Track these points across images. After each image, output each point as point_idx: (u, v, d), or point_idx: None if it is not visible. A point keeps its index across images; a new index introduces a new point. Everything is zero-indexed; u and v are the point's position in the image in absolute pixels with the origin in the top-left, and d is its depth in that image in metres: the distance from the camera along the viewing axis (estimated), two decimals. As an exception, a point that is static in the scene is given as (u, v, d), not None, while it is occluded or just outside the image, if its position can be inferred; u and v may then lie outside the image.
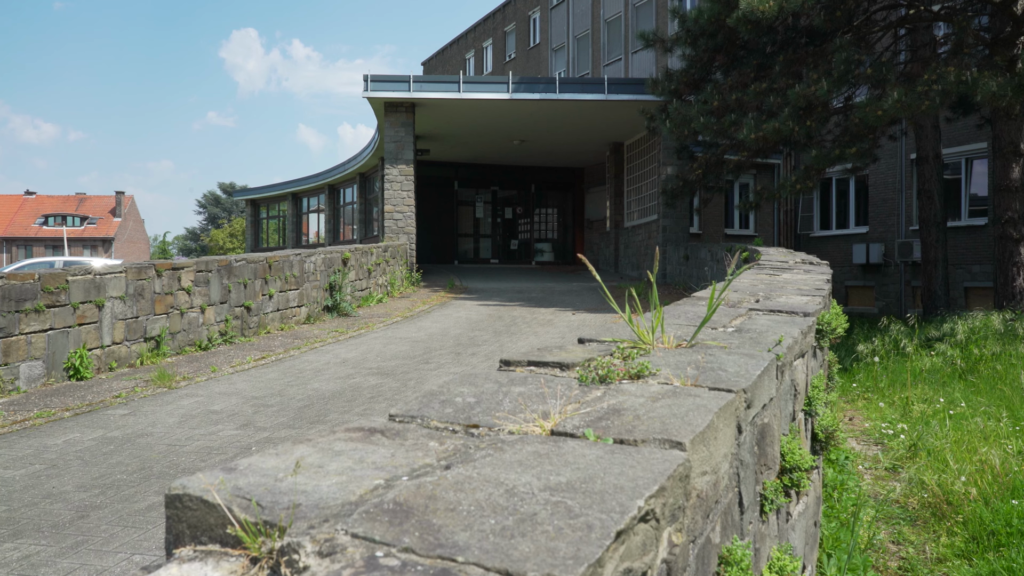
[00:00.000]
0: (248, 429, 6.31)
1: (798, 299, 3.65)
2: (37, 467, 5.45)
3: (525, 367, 1.98)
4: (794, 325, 2.75)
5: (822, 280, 4.77)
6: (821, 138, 13.62)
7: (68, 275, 8.11)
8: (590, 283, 19.82)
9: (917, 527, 5.25)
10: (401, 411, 1.58)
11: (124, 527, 4.37)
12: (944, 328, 10.22)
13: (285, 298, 12.14)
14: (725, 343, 2.31)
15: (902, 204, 19.36)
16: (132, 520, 4.45)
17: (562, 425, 1.52)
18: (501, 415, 1.58)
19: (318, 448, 1.43)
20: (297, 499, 1.18)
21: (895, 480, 6.16)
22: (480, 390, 1.75)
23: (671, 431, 1.50)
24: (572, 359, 2.04)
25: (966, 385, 8.51)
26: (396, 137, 18.15)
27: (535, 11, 34.32)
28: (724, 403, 1.58)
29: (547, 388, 1.70)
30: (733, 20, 11.88)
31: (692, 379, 1.85)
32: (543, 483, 1.22)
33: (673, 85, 14.81)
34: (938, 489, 5.45)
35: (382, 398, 7.32)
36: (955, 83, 9.97)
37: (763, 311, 3.09)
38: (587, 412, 1.61)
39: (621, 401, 1.69)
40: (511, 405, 1.62)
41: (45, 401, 7.31)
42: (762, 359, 1.99)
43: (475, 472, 1.26)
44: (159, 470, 5.31)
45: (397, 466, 1.34)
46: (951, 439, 6.33)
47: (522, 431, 1.45)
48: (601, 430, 1.51)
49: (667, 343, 2.24)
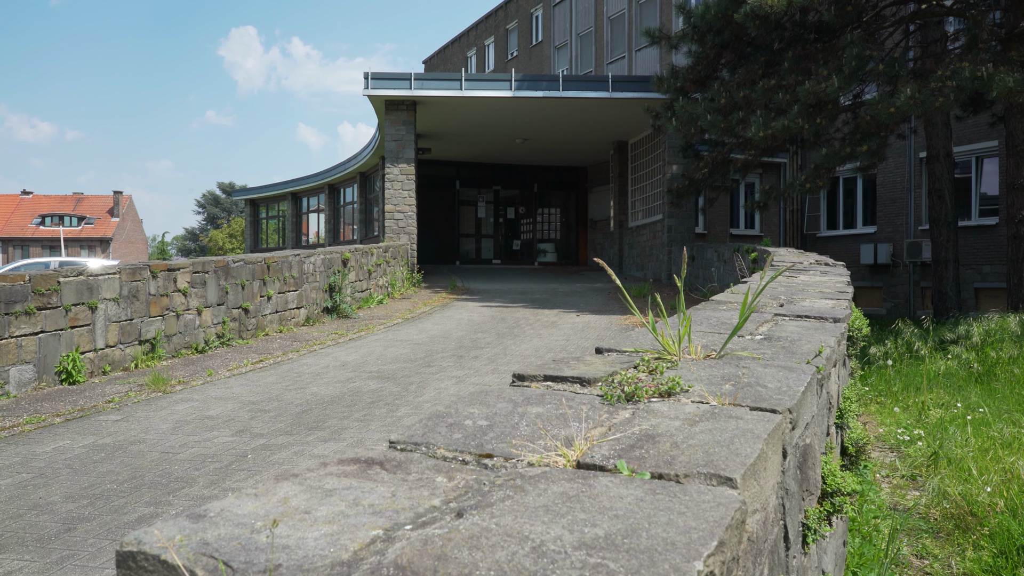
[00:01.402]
0: (244, 436, 6.10)
1: (823, 303, 3.43)
2: (24, 476, 5.24)
3: (541, 382, 1.76)
4: (826, 332, 2.53)
5: (843, 282, 4.55)
6: (830, 136, 13.39)
7: (60, 276, 7.90)
8: (593, 284, 19.61)
9: (940, 540, 5.03)
10: (403, 437, 1.37)
11: (111, 540, 4.17)
12: (959, 330, 9.99)
13: (284, 299, 11.92)
14: (757, 353, 2.10)
15: (911, 203, 19.12)
16: (120, 533, 4.24)
17: (590, 455, 1.30)
18: (518, 442, 1.37)
19: (305, 486, 1.21)
20: (277, 559, 0.96)
21: (914, 489, 5.93)
22: (492, 411, 1.53)
23: (718, 463, 1.28)
24: (593, 373, 1.82)
25: (983, 389, 8.28)
26: (397, 136, 17.94)
27: (537, 8, 34.09)
28: (772, 427, 1.37)
29: (568, 408, 1.49)
30: (741, 16, 11.66)
31: (730, 397, 1.64)
32: (576, 538, 1.00)
33: (679, 82, 14.58)
34: (962, 500, 5.22)
35: (382, 403, 7.11)
36: (970, 79, 9.74)
37: (789, 316, 2.88)
38: (616, 439, 1.39)
39: (654, 425, 1.48)
40: (528, 429, 1.41)
41: (36, 406, 7.10)
42: (803, 373, 1.77)
43: (492, 522, 1.05)
44: (151, 479, 5.10)
45: (399, 510, 1.12)
46: (974, 447, 6.10)
47: (543, 462, 1.23)
48: (635, 461, 1.29)
49: (694, 354, 2.02)
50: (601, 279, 20.90)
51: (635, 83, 18.21)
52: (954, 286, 14.53)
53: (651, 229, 20.12)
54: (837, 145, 12.43)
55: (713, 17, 12.93)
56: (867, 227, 20.62)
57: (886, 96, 10.81)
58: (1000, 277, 16.56)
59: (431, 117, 19.38)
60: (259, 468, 5.28)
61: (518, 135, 22.24)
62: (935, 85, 10.11)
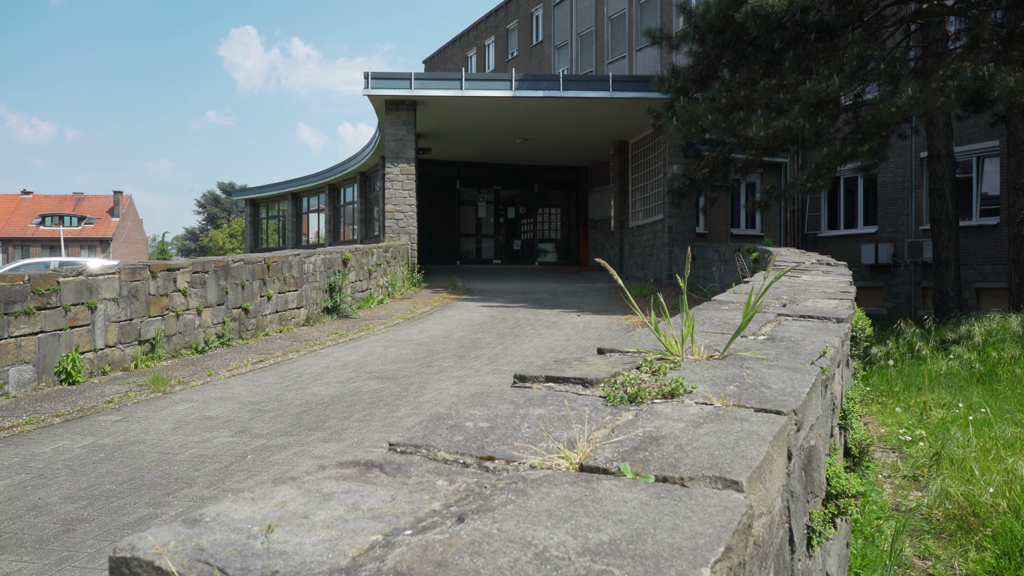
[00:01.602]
0: (244, 436, 6.08)
1: (825, 303, 3.40)
2: (24, 476, 5.22)
3: (543, 383, 1.73)
4: (830, 332, 2.51)
5: (845, 282, 4.53)
6: (831, 136, 13.37)
7: (59, 276, 7.88)
8: (594, 284, 19.58)
9: (943, 540, 5.01)
10: (403, 439, 1.34)
11: (110, 542, 4.14)
12: (960, 330, 9.96)
13: (284, 299, 11.90)
14: (760, 353, 2.07)
15: (911, 203, 19.09)
16: (120, 534, 4.22)
17: (592, 457, 1.28)
18: (520, 444, 1.35)
19: (303, 490, 1.19)
20: (274, 565, 0.94)
21: (916, 490, 5.91)
22: (494, 412, 1.51)
23: (723, 466, 1.26)
24: (595, 374, 1.80)
25: (984, 390, 8.25)
26: (397, 136, 17.91)
27: (538, 8, 34.06)
28: (777, 429, 1.34)
29: (571, 410, 1.46)
30: (742, 15, 11.63)
31: (735, 398, 1.61)
32: (580, 543, 0.98)
33: (680, 82, 14.55)
34: (964, 501, 5.20)
35: (383, 403, 7.09)
36: (972, 78, 9.72)
37: (792, 316, 2.86)
38: (620, 440, 1.37)
39: (658, 426, 1.45)
40: (530, 431, 1.38)
41: (35, 407, 7.08)
42: (807, 374, 1.75)
43: (495, 527, 1.02)
44: (150, 480, 5.08)
45: (399, 514, 1.09)
46: (976, 447, 6.07)
47: (546, 465, 1.21)
48: (639, 464, 1.27)
49: (698, 354, 2.00)
50: (602, 279, 20.87)
51: (636, 83, 18.19)
52: (955, 286, 14.50)
53: (652, 229, 20.10)
54: (838, 145, 12.41)
55: (714, 17, 12.90)
56: (868, 227, 20.60)
57: (887, 96, 10.78)
58: (1001, 277, 16.53)
59: (431, 117, 19.35)
60: (259, 469, 5.26)
61: (518, 135, 22.22)
62: (936, 85, 10.08)
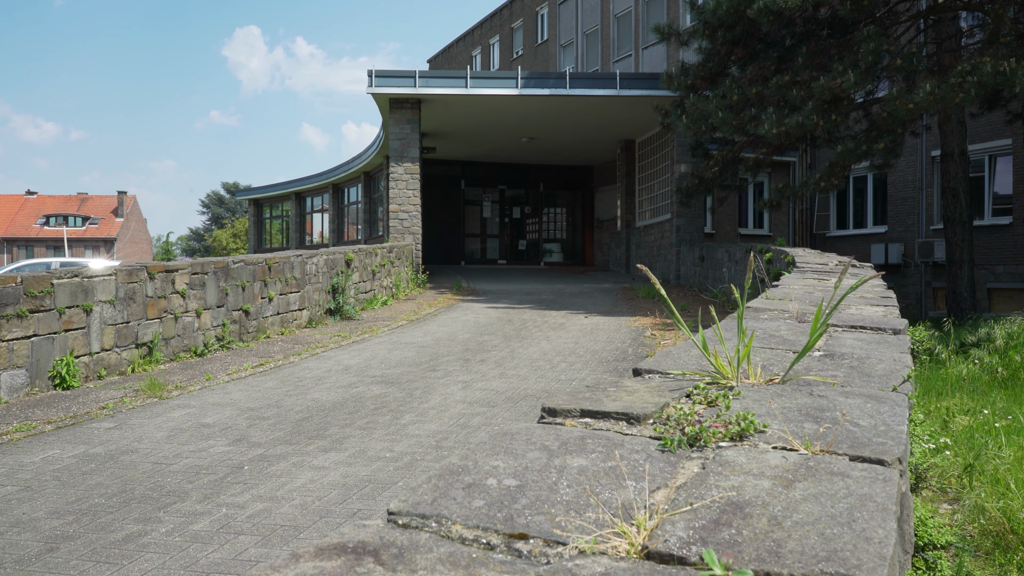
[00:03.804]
0: (241, 445, 5.82)
1: (871, 310, 3.13)
2: (9, 489, 4.97)
3: (577, 419, 1.46)
4: (891, 347, 2.23)
5: (881, 286, 4.25)
6: (843, 134, 13.08)
7: (53, 278, 7.63)
8: (601, 284, 19.30)
9: (979, 559, 4.73)
10: (407, 506, 1.05)
11: (96, 562, 3.89)
12: (980, 333, 9.67)
13: (286, 301, 11.65)
14: (825, 375, 1.80)
15: (922, 203, 18.78)
16: (105, 554, 3.97)
17: (660, 536, 0.97)
18: (559, 514, 1.02)
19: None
20: None
21: (946, 503, 5.63)
22: (522, 464, 1.19)
23: (846, 556, 0.92)
24: (640, 406, 1.53)
25: (1008, 395, 7.97)
26: (401, 135, 17.65)
27: (543, 7, 33.79)
28: (894, 491, 1.06)
29: (621, 461, 1.18)
30: (754, 11, 11.35)
31: (822, 442, 1.29)
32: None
33: (689, 79, 14.27)
34: (1001, 516, 4.92)
35: (386, 409, 6.83)
36: (992, 74, 9.43)
37: (842, 327, 2.59)
38: (692, 510, 1.06)
39: (737, 486, 1.12)
40: (571, 492, 1.10)
41: (27, 413, 6.84)
42: (896, 404, 1.46)
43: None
44: (141, 493, 4.83)
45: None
46: (1009, 458, 5.79)
47: (598, 549, 0.92)
48: (727, 550, 0.92)
49: (754, 377, 1.73)
50: (608, 279, 20.58)
51: (643, 80, 17.91)
52: (969, 287, 14.21)
53: (659, 229, 19.81)
54: (852, 143, 12.11)
55: (725, 12, 12.61)
56: (878, 227, 20.29)
57: (904, 92, 10.50)
58: (1015, 278, 16.23)
59: (436, 115, 19.09)
60: (256, 481, 5.00)
61: (524, 134, 21.94)
62: (955, 80, 9.79)
